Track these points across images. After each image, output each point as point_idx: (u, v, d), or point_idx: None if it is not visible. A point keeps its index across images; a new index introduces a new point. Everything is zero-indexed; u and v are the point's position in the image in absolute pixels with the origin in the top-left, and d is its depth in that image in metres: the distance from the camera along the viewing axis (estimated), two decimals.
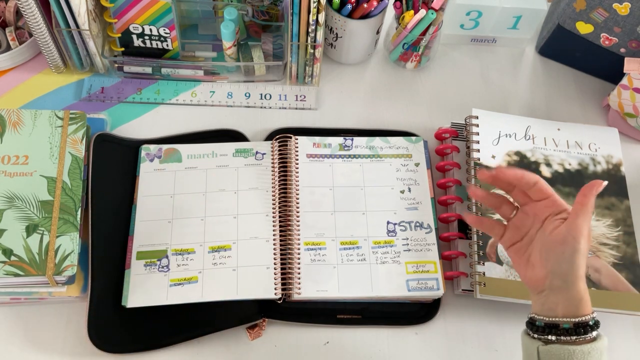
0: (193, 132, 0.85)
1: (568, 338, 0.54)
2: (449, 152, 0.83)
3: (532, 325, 0.58)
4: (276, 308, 0.72)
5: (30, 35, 0.88)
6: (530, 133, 0.82)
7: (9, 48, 0.86)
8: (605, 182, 0.58)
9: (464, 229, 0.77)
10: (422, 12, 0.82)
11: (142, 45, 0.87)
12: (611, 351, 0.74)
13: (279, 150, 0.82)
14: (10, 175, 0.72)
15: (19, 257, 0.68)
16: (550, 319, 0.56)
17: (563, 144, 0.82)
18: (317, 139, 0.83)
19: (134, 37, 0.85)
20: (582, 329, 0.54)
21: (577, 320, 0.54)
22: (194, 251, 0.74)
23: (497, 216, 0.76)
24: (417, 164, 0.82)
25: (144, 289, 0.71)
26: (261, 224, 0.76)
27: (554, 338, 0.55)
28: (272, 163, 0.80)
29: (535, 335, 0.57)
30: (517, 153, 0.81)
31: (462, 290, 0.74)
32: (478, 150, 0.80)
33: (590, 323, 0.54)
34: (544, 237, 0.58)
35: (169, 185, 0.78)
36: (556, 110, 0.93)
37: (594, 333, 0.54)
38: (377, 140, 0.83)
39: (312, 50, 0.84)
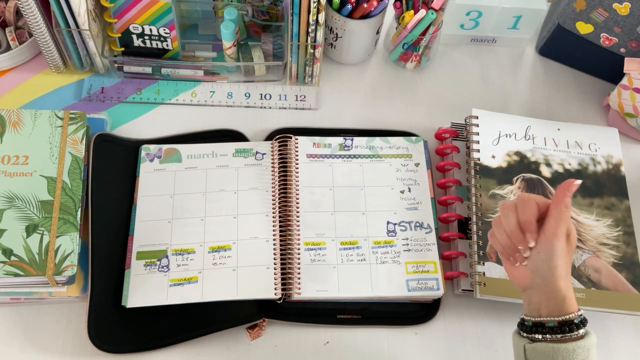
0: (193, 132, 0.85)
1: (554, 336, 0.55)
2: (449, 152, 0.83)
3: (522, 325, 0.59)
4: (276, 308, 0.72)
5: (30, 35, 0.88)
6: (530, 133, 0.82)
7: (9, 48, 0.86)
8: (579, 182, 0.57)
9: (464, 229, 0.77)
10: (422, 12, 0.82)
11: (142, 45, 0.87)
12: (611, 351, 0.74)
13: (279, 150, 0.82)
14: (10, 175, 0.72)
15: (19, 257, 0.68)
16: (537, 319, 0.57)
17: (563, 144, 0.82)
18: (317, 139, 0.83)
19: (134, 37, 0.85)
20: (567, 327, 0.55)
21: (561, 318, 0.55)
22: (194, 251, 0.74)
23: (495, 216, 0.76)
24: (417, 164, 0.82)
25: (144, 289, 0.71)
26: (261, 224, 0.76)
27: (540, 337, 0.56)
28: (272, 163, 0.80)
29: (524, 335, 0.57)
30: (517, 153, 0.81)
31: (462, 290, 0.74)
32: (478, 150, 0.80)
33: (576, 321, 0.55)
34: None
35: (169, 185, 0.78)
36: (556, 110, 0.93)
37: (581, 331, 0.55)
38: (377, 140, 0.83)
39: (312, 50, 0.84)
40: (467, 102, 0.91)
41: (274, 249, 0.74)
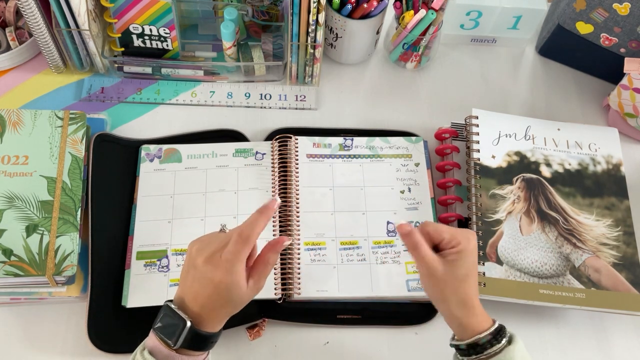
0: (193, 132, 0.85)
1: (469, 358, 0.57)
2: (449, 152, 0.83)
3: (452, 346, 0.61)
4: (276, 308, 0.72)
5: (30, 35, 0.88)
6: (530, 133, 0.82)
7: (9, 48, 0.86)
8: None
9: None
10: (422, 12, 0.82)
11: (142, 45, 0.87)
12: (611, 351, 0.74)
13: (279, 150, 0.82)
14: (10, 175, 0.72)
15: (19, 257, 0.68)
16: (454, 342, 0.59)
17: (563, 144, 0.82)
18: (317, 139, 0.83)
19: (134, 37, 0.85)
20: (477, 349, 0.56)
21: (468, 342, 0.57)
22: None
23: (496, 216, 0.76)
24: (417, 164, 0.82)
25: (144, 289, 0.71)
26: None
27: (465, 359, 0.58)
28: (272, 163, 0.80)
29: (459, 356, 0.59)
30: (517, 153, 0.81)
31: None
32: (478, 150, 0.80)
33: (481, 342, 0.56)
34: None
35: (169, 185, 0.78)
36: (556, 110, 0.93)
37: (496, 346, 0.56)
38: (377, 140, 0.83)
39: (312, 50, 0.84)
40: (467, 102, 0.91)
41: None
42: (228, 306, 0.56)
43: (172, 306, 0.55)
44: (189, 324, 0.54)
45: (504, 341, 0.56)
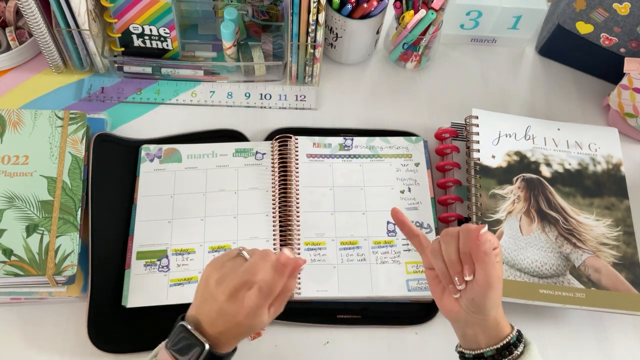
0: (193, 132, 0.85)
1: None
2: (449, 152, 0.83)
3: (463, 357, 0.58)
4: None
5: (30, 35, 0.88)
6: (530, 133, 0.82)
7: (9, 48, 0.86)
8: (485, 228, 0.54)
9: None
10: (422, 12, 0.82)
11: (142, 45, 0.87)
12: (611, 351, 0.74)
13: (279, 150, 0.82)
14: (10, 175, 0.72)
15: (19, 257, 0.68)
16: (477, 351, 0.56)
17: (563, 144, 0.82)
18: (317, 139, 0.83)
19: (134, 37, 0.85)
20: (506, 351, 0.55)
21: (499, 345, 0.55)
22: (194, 251, 0.74)
23: (496, 216, 0.76)
24: (417, 164, 0.82)
25: (144, 289, 0.71)
26: (261, 224, 0.76)
27: None
28: (272, 163, 0.80)
29: None
30: (517, 153, 0.81)
31: None
32: (478, 150, 0.80)
33: (512, 341, 0.55)
34: None
35: (169, 185, 0.78)
36: (556, 110, 0.93)
37: (519, 348, 0.55)
38: (377, 140, 0.83)
39: (312, 50, 0.84)
40: (467, 102, 0.91)
41: (274, 249, 0.74)
42: (247, 334, 0.55)
43: (189, 327, 0.53)
44: (207, 347, 0.52)
45: (523, 341, 0.56)
